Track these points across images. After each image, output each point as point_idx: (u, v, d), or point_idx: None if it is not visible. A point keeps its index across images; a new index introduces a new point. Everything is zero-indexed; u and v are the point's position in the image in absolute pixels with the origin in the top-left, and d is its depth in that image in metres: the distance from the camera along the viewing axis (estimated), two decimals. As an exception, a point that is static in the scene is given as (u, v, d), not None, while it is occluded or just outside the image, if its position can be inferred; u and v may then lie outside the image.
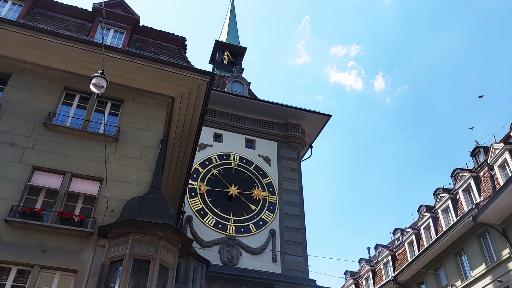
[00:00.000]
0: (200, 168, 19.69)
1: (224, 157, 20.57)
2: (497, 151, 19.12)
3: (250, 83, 23.86)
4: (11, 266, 9.05)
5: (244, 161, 20.70)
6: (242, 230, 18.48)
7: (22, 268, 9.12)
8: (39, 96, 11.34)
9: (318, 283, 17.99)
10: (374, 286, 26.70)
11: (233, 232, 18.27)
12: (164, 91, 12.55)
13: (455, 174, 22.44)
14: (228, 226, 18.40)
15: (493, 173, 19.16)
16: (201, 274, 14.50)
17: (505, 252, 17.90)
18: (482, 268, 19.01)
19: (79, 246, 9.63)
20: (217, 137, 21.13)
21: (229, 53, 28.41)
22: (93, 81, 8.20)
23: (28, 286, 8.89)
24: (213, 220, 18.33)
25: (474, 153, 22.15)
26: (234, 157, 20.70)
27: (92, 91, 8.67)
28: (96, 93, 7.86)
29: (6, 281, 8.92)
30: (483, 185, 19.71)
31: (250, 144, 21.51)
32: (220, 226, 18.28)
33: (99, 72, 8.45)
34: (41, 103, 11.25)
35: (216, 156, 20.42)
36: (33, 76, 11.64)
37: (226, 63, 27.98)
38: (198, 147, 18.21)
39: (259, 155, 21.17)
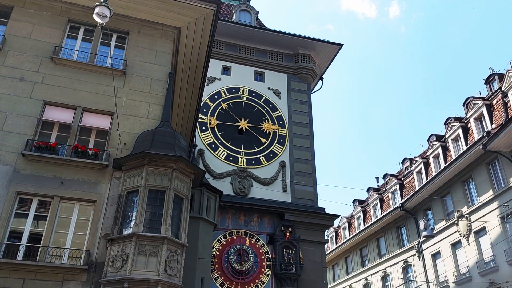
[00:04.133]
0: (209, 102, 19.63)
1: (233, 90, 20.39)
2: (513, 77, 18.63)
3: (258, 11, 22.98)
4: (32, 197, 9.50)
5: (253, 94, 20.54)
6: (253, 162, 18.80)
7: (43, 199, 9.57)
8: (43, 30, 11.16)
9: (327, 211, 18.57)
10: (381, 213, 27.57)
11: (244, 164, 18.61)
12: (169, 21, 12.21)
13: (468, 103, 22.14)
14: (239, 158, 18.71)
15: (506, 101, 18.84)
16: (214, 203, 15.01)
17: (514, 179, 18.14)
18: (489, 194, 19.38)
19: (95, 178, 9.97)
20: (226, 70, 20.81)
21: (236, -20, 27.08)
22: (96, 10, 7.96)
23: (50, 216, 9.38)
24: (224, 153, 18.61)
25: (488, 81, 21.65)
26: (243, 90, 20.51)
27: (96, 23, 8.44)
28: (100, 24, 7.66)
29: (29, 211, 9.40)
30: (496, 113, 19.49)
31: (259, 77, 21.19)
32: (231, 158, 18.59)
33: (102, 0, 8.18)
34: (46, 36, 11.10)
35: (225, 90, 20.25)
36: (36, 8, 11.37)
37: (232, -10, 26.78)
38: (206, 80, 18.02)
39: (268, 88, 20.93)
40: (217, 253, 16.28)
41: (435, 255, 23.07)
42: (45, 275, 8.76)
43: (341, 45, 21.66)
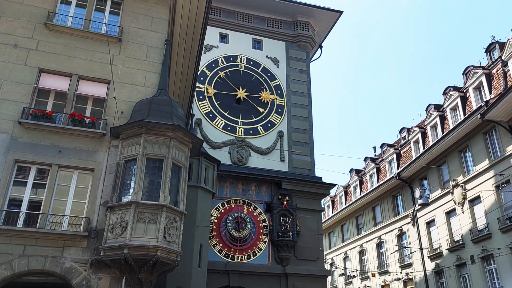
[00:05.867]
0: (206, 71, 19.42)
1: (231, 58, 20.14)
2: (513, 46, 18.39)
3: (256, -23, 22.41)
4: (30, 165, 9.52)
5: (251, 63, 20.30)
6: (251, 132, 18.79)
7: (41, 167, 9.59)
8: (36, -6, 10.86)
9: (324, 180, 18.75)
10: (377, 182, 27.83)
11: (242, 134, 18.62)
12: (165, -14, 11.89)
13: (467, 72, 21.94)
14: (237, 128, 18.69)
15: (506, 70, 18.68)
16: (212, 172, 15.11)
17: (510, 148, 18.22)
18: (485, 164, 19.51)
19: (93, 146, 9.98)
20: (223, 38, 20.48)
21: None
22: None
23: (48, 184, 9.43)
24: (222, 123, 18.57)
25: (489, 50, 21.38)
26: (241, 58, 20.25)
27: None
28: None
29: (27, 179, 9.44)
30: (495, 82, 19.35)
31: (257, 45, 20.89)
32: (229, 128, 18.58)
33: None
34: (39, 1, 10.85)
35: (222, 58, 19.99)
36: (27, -28, 11.01)
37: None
38: (203, 48, 17.73)
39: (267, 57, 20.68)
40: (216, 220, 16.54)
41: (430, 223, 23.47)
42: (45, 242, 8.89)
43: (340, 13, 21.29)
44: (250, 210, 17.25)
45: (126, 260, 8.71)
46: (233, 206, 17.13)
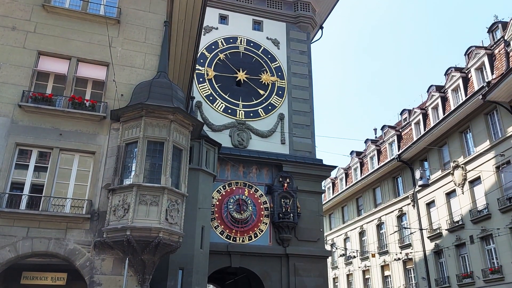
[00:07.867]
0: (206, 53, 19.27)
1: (231, 40, 19.96)
2: (516, 26, 18.17)
3: (255, -43, 22.04)
4: (31, 148, 9.56)
5: (251, 44, 20.12)
6: (251, 115, 18.75)
7: (42, 150, 9.63)
8: (31, -25, 10.69)
9: (324, 162, 18.79)
10: (378, 164, 27.87)
11: (243, 117, 18.59)
12: (163, -34, 11.70)
13: (469, 52, 21.74)
14: (238, 111, 18.65)
15: (509, 50, 18.50)
16: (213, 155, 15.14)
17: (511, 129, 18.17)
18: (486, 145, 19.50)
19: (93, 129, 9.99)
20: (223, 19, 20.26)
21: None
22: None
23: (50, 167, 9.48)
24: (222, 106, 18.52)
25: (491, 29, 21.13)
26: (241, 40, 20.07)
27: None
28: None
29: (29, 162, 9.48)
30: (497, 62, 19.19)
31: (257, 26, 20.68)
32: (229, 111, 18.53)
33: None
34: (36, -18, 10.68)
35: (222, 40, 19.81)
36: (23, -48, 10.82)
37: None
38: (203, 30, 17.56)
39: (267, 38, 20.49)
40: (217, 203, 16.65)
41: (430, 204, 23.60)
42: (48, 224, 8.98)
43: (342, -8, 20.98)
44: (251, 192, 17.34)
45: (129, 241, 8.81)
46: (234, 188, 17.22)
